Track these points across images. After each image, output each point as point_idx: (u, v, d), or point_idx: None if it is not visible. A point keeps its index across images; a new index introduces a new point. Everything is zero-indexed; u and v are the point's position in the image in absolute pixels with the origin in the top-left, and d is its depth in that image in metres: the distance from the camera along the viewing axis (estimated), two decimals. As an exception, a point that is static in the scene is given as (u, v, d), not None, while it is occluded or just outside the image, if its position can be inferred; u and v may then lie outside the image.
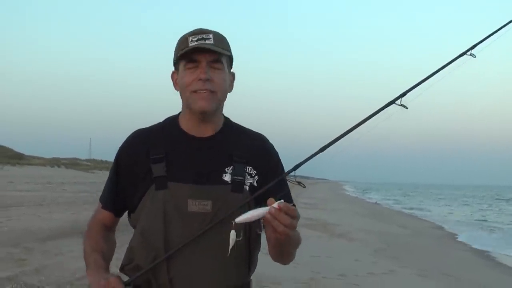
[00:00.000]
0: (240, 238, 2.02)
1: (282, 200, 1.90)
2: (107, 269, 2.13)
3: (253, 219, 1.93)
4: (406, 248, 15.46)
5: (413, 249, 15.55)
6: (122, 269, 2.19)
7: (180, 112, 2.26)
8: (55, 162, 68.76)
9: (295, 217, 1.90)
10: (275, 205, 1.88)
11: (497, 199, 75.92)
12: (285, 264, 2.29)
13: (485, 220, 31.45)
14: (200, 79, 2.09)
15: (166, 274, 2.07)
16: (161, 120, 2.29)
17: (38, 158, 72.04)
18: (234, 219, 1.94)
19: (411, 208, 41.42)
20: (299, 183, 2.05)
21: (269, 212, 1.87)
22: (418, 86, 2.28)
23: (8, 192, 24.42)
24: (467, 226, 26.83)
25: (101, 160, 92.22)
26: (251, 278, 2.26)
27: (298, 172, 2.10)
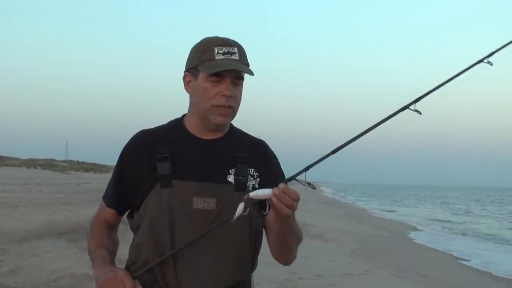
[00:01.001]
0: (246, 213, 2.05)
1: (285, 184, 1.97)
2: (113, 263, 2.16)
3: (263, 198, 1.99)
4: (381, 248, 15.58)
5: (389, 249, 15.68)
6: (127, 268, 2.20)
7: (185, 114, 2.30)
8: (32, 163, 68.06)
9: (295, 198, 1.95)
10: (281, 185, 1.94)
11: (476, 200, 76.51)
12: (286, 263, 2.31)
13: (449, 221, 31.80)
14: (224, 95, 2.13)
15: (173, 270, 2.11)
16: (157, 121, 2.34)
17: (14, 159, 71.35)
18: (247, 194, 1.99)
19: (389, 211, 41.52)
20: (309, 184, 2.07)
21: (273, 193, 1.93)
22: (433, 93, 2.27)
23: (-16, 193, 24.21)
24: (437, 227, 27.15)
25: (78, 161, 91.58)
26: (251, 275, 2.31)
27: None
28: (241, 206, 2.01)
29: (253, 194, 1.99)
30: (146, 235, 2.16)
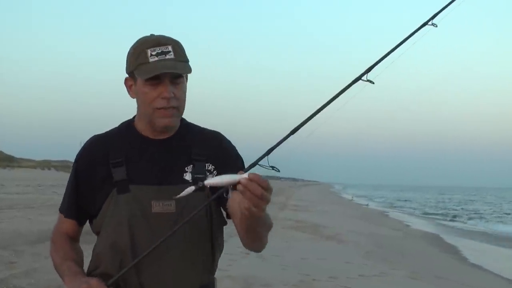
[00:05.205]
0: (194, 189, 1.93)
1: (255, 173, 1.83)
2: (83, 273, 2.13)
3: (222, 184, 1.87)
4: (397, 250, 15.49)
5: (404, 251, 15.57)
6: (89, 275, 2.17)
7: (135, 116, 2.24)
8: (46, 165, 68.61)
9: (266, 187, 1.80)
10: (245, 175, 1.81)
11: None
12: (257, 250, 2.21)
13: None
14: (164, 98, 2.06)
15: (136, 278, 2.08)
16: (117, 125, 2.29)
17: (29, 160, 71.77)
18: (203, 181, 1.89)
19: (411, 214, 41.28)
20: (272, 167, 1.97)
21: (241, 183, 1.79)
22: (383, 61, 2.21)
23: (-2, 195, 24.34)
24: (455, 230, 26.99)
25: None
26: (215, 277, 2.27)
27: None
28: (190, 189, 1.92)
29: (208, 182, 1.88)
30: (104, 245, 2.14)
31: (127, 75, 2.19)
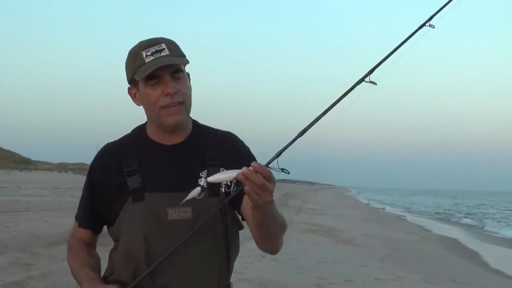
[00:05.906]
0: (200, 197, 2.01)
1: (258, 163, 1.84)
2: (101, 280, 2.14)
3: (225, 180, 1.91)
4: (413, 254, 15.37)
5: (422, 255, 15.46)
6: (104, 280, 2.18)
7: (147, 121, 2.24)
8: (63, 167, 69.00)
9: (269, 178, 1.81)
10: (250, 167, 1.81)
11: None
12: (273, 252, 2.21)
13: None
14: (167, 94, 2.06)
15: (151, 284, 2.08)
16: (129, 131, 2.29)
17: (45, 163, 72.20)
18: (207, 178, 1.93)
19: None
20: (282, 169, 1.95)
21: (242, 172, 1.80)
22: (384, 62, 2.24)
23: (16, 197, 24.48)
24: (471, 233, 26.78)
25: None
26: (231, 281, 2.26)
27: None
28: (197, 190, 1.97)
29: (211, 179, 1.90)
30: (119, 252, 2.15)
31: (129, 86, 2.20)
